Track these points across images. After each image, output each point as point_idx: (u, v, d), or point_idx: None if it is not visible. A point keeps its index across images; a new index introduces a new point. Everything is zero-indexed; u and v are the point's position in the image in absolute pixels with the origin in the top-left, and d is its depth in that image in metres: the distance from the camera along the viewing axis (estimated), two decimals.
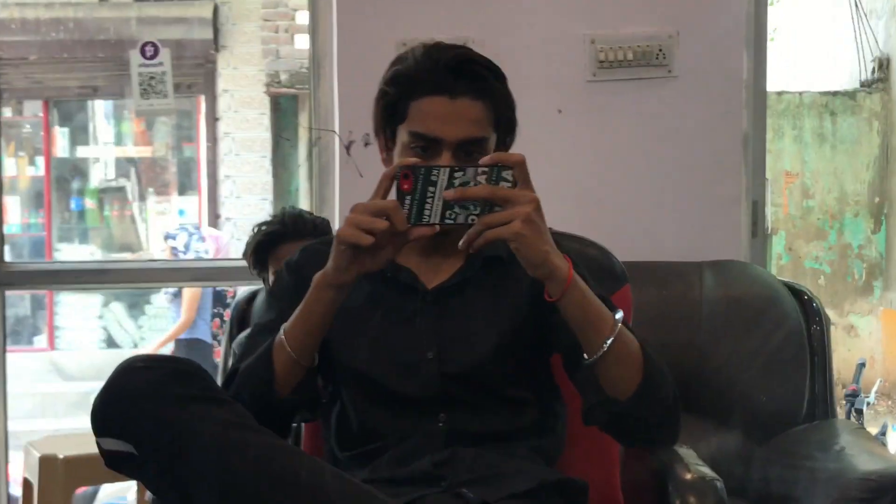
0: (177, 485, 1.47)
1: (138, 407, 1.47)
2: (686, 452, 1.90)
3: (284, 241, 2.47)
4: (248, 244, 2.56)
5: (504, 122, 1.71)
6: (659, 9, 2.89)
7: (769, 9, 2.98)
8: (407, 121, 1.67)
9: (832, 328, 2.65)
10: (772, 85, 3.32)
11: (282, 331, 1.63)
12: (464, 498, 1.57)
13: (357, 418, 1.72)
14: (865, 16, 8.40)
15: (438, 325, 1.70)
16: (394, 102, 1.69)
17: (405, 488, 1.60)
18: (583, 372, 1.60)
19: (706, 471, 1.84)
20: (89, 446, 1.61)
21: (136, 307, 8.73)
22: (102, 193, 9.04)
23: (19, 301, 8.63)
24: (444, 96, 1.64)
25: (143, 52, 3.22)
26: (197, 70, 8.40)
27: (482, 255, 1.71)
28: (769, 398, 2.58)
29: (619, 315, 1.59)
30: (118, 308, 8.72)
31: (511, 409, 1.71)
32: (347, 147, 2.84)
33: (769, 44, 3.01)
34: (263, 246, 2.51)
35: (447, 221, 1.52)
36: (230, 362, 2.36)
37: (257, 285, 2.64)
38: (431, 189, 1.51)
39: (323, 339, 1.64)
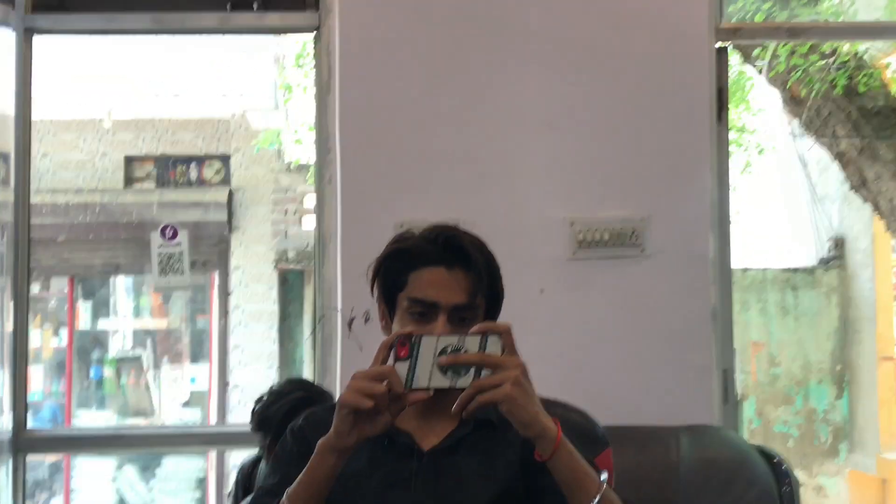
0: None
1: None
2: None
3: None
4: (265, 410, 2.45)
5: (491, 291, 1.74)
6: (632, 194, 2.94)
7: (731, 194, 3.04)
8: (406, 289, 1.70)
9: (801, 489, 2.60)
10: (737, 262, 3.35)
11: (285, 496, 1.61)
12: None
13: None
14: (820, 200, 8.57)
15: (435, 486, 1.68)
16: (394, 273, 1.73)
17: None
18: None
19: None
20: None
21: (147, 469, 8.56)
22: (120, 363, 8.98)
23: (38, 464, 8.46)
24: (441, 267, 1.69)
25: (163, 234, 3.27)
26: (212, 248, 8.48)
27: (474, 418, 1.70)
28: None
29: (604, 476, 1.58)
30: (131, 471, 8.55)
31: None
32: (349, 323, 2.84)
33: (732, 225, 3.06)
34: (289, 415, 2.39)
35: (441, 386, 1.53)
36: None
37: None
38: (426, 355, 1.53)
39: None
